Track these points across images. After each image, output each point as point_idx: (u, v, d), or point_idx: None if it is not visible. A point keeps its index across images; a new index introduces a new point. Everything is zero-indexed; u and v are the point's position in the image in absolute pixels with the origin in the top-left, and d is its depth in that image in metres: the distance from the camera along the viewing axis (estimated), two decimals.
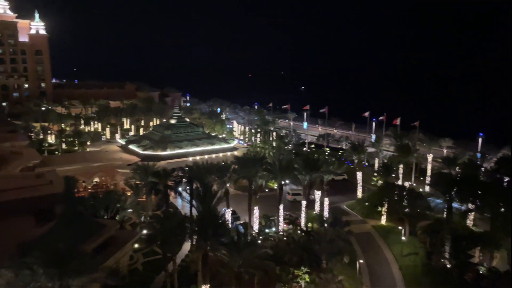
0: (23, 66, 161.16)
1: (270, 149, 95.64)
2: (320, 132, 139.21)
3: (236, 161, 66.28)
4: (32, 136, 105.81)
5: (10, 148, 72.18)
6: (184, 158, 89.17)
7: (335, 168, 67.63)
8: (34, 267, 27.82)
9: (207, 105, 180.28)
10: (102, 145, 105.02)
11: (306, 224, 61.32)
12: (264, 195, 73.84)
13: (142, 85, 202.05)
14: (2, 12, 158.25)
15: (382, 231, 62.43)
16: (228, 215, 60.02)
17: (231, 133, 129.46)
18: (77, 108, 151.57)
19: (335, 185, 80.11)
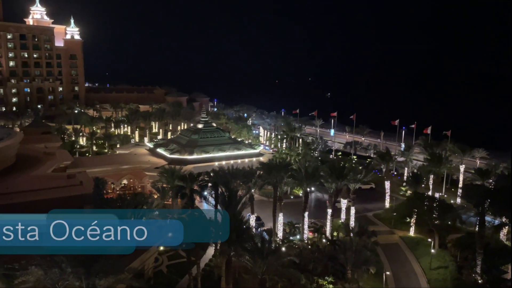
0: (58, 70, 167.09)
1: (296, 155, 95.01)
2: (348, 139, 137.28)
3: (261, 167, 66.16)
4: (64, 137, 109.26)
5: (43, 149, 74.57)
6: (210, 162, 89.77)
7: (362, 177, 66.35)
8: (62, 266, 28.52)
9: (234, 111, 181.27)
10: (131, 148, 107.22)
11: (331, 233, 60.37)
12: (289, 202, 73.29)
13: (171, 90, 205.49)
14: (39, 18, 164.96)
15: (410, 242, 60.71)
16: (252, 221, 59.89)
17: (257, 138, 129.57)
18: (108, 111, 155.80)
19: (362, 194, 78.62)
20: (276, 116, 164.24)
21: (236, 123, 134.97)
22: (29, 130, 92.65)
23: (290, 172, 62.63)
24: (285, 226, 60.73)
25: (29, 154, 68.46)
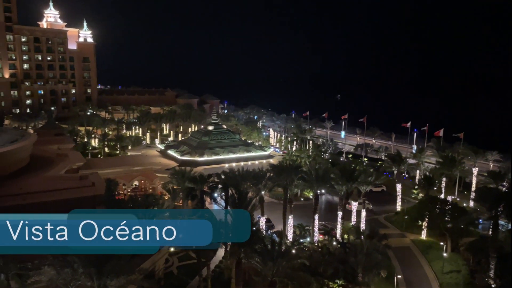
0: (71, 73, 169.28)
1: (306, 157, 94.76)
2: (358, 141, 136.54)
3: (271, 169, 66.15)
4: (77, 139, 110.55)
5: (56, 151, 75.43)
6: (221, 164, 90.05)
7: (373, 179, 65.91)
8: (74, 266, 28.84)
9: (244, 113, 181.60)
10: (142, 150, 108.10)
11: (342, 236, 60.00)
12: (299, 204, 73.11)
13: (182, 92, 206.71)
14: (53, 21, 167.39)
15: (422, 246, 60.05)
16: (262, 222, 59.86)
17: (267, 140, 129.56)
18: (119, 113, 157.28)
19: (373, 197, 78.11)
20: (286, 118, 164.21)
21: (246, 125, 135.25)
22: (42, 131, 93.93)
23: (300, 174, 62.50)
24: (295, 228, 60.56)
25: (43, 155, 69.33)
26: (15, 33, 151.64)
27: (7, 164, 56.44)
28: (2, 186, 51.19)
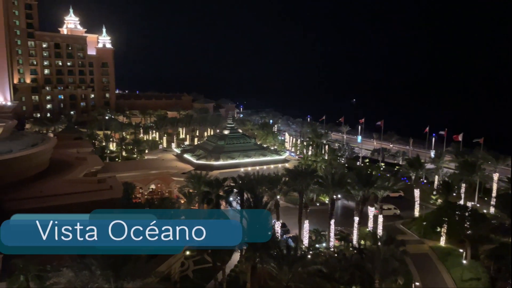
0: (90, 78, 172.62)
1: (322, 162, 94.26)
2: (375, 146, 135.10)
3: (287, 173, 65.96)
4: (95, 143, 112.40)
5: (76, 154, 76.92)
6: (236, 168, 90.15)
7: (390, 184, 65.07)
8: (92, 268, 29.24)
9: (260, 117, 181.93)
10: (159, 154, 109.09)
11: (358, 241, 59.35)
12: (315, 209, 72.66)
13: (198, 97, 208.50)
14: (73, 27, 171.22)
15: (440, 253, 58.89)
16: (278, 227, 59.67)
17: (283, 145, 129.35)
18: (137, 117, 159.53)
19: (390, 202, 77.09)
20: (302, 123, 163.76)
21: (261, 129, 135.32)
22: (62, 135, 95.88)
23: (316, 179, 62.16)
24: (311, 233, 60.18)
25: (62, 159, 70.77)
26: (36, 39, 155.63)
27: (28, 167, 57.80)
28: (23, 188, 52.45)
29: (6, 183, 51.46)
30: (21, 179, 55.07)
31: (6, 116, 72.96)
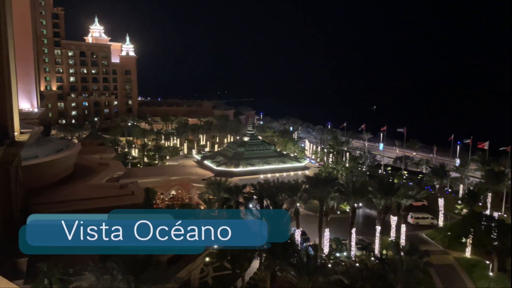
0: (114, 85, 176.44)
1: (343, 170, 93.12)
2: (398, 154, 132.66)
3: (307, 180, 65.39)
4: (118, 149, 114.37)
5: (99, 160, 78.40)
6: (256, 175, 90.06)
7: (413, 193, 63.66)
8: (113, 273, 29.56)
9: (280, 124, 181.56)
10: (180, 160, 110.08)
11: (380, 251, 58.16)
12: (335, 217, 71.71)
13: (219, 104, 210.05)
14: (98, 36, 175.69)
15: (466, 264, 57.10)
16: (297, 235, 59.09)
17: (303, 152, 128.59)
18: (159, 124, 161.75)
19: (413, 211, 75.40)
20: (322, 130, 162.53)
21: (281, 136, 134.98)
22: (86, 141, 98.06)
23: (337, 187, 61.38)
24: (332, 242, 59.34)
25: (86, 164, 72.26)
26: (62, 47, 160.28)
27: (54, 173, 59.18)
28: (49, 193, 53.69)
29: (32, 188, 52.77)
30: (46, 184, 56.42)
31: (33, 122, 74.97)
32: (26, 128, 47.61)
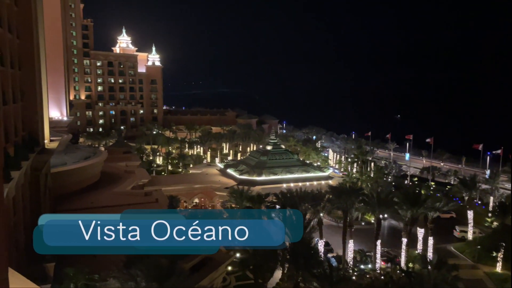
0: (140, 94, 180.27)
1: (367, 180, 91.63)
2: (425, 164, 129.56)
3: (330, 190, 64.61)
4: (143, 157, 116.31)
5: (124, 167, 79.90)
6: (279, 184, 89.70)
7: (441, 205, 61.87)
8: (138, 280, 29.83)
9: (303, 133, 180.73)
10: (203, 168, 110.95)
11: (406, 264, 56.63)
12: (360, 228, 70.40)
13: (242, 113, 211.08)
14: (125, 46, 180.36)
15: (497, 279, 54.83)
16: (321, 246, 58.27)
17: (326, 161, 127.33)
18: (183, 132, 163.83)
19: (441, 224, 73.18)
20: (346, 139, 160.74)
21: (304, 145, 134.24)
22: (112, 149, 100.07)
23: (361, 197, 60.35)
24: (356, 253, 58.21)
25: (112, 171, 73.76)
26: (91, 58, 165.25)
27: (81, 179, 60.66)
28: (75, 199, 55.00)
29: (60, 194, 54.19)
30: (74, 191, 57.86)
31: (62, 131, 77.34)
32: (56, 136, 49.07)
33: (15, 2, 35.80)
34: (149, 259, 31.27)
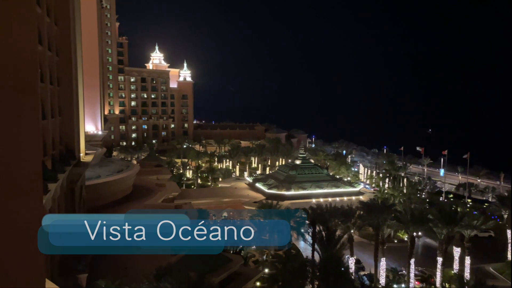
0: (171, 109, 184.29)
1: (400, 196, 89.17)
2: (461, 180, 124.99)
3: (361, 206, 63.18)
4: (173, 170, 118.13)
5: (156, 181, 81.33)
6: (308, 199, 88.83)
7: (479, 223, 59.16)
8: None
9: (332, 147, 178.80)
10: (232, 182, 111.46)
11: (442, 284, 54.20)
12: (392, 246, 68.24)
13: (271, 127, 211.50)
14: (158, 63, 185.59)
15: None
16: (351, 263, 56.79)
17: (357, 176, 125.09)
18: (212, 146, 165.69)
19: (479, 243, 69.89)
20: (377, 153, 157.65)
21: (334, 159, 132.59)
22: (144, 162, 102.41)
23: (394, 214, 58.60)
24: (388, 272, 56.31)
25: (144, 184, 75.23)
26: (125, 74, 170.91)
27: (114, 192, 62.14)
28: (108, 212, 56.26)
29: (94, 206, 55.62)
30: (107, 203, 59.28)
31: (97, 144, 79.83)
32: (91, 150, 50.67)
33: (55, 22, 37.62)
34: (179, 272, 31.43)
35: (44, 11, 32.35)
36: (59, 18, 38.53)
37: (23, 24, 22.80)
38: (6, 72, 22.19)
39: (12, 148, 21.79)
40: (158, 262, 38.06)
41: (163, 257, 41.78)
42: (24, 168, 21.88)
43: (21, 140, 22.06)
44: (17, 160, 22.06)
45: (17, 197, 21.03)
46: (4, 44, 22.22)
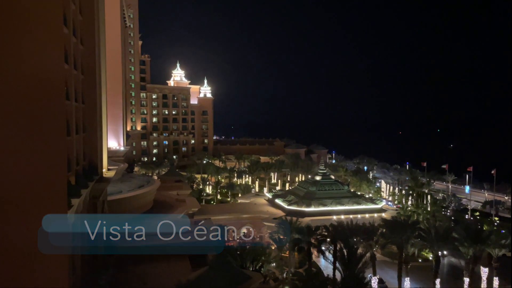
0: (191, 125, 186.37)
1: (424, 213, 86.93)
2: (487, 198, 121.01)
3: (384, 224, 61.90)
4: (193, 186, 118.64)
5: (176, 196, 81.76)
6: (328, 216, 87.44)
7: (507, 242, 56.98)
8: None
9: (353, 163, 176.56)
10: (251, 198, 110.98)
11: None
12: (416, 265, 66.21)
13: (290, 142, 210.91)
14: (179, 80, 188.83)
15: None
16: (374, 283, 55.36)
17: (379, 193, 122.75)
18: (232, 162, 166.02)
19: (507, 263, 67.12)
20: (400, 170, 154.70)
21: (355, 175, 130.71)
22: (165, 178, 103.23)
23: (418, 232, 57.15)
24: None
25: (164, 200, 75.71)
26: (147, 91, 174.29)
27: (135, 207, 62.68)
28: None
29: None
30: None
31: (119, 160, 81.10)
32: (113, 165, 51.43)
33: (81, 41, 38.84)
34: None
35: (70, 31, 33.46)
36: (85, 38, 39.76)
37: (51, 44, 23.65)
38: (34, 90, 22.96)
39: (38, 164, 22.38)
40: (177, 279, 37.96)
41: (182, 273, 41.69)
42: (50, 184, 22.32)
43: (47, 156, 22.61)
44: (43, 176, 22.56)
45: (44, 213, 21.42)
46: (32, 63, 23.05)
